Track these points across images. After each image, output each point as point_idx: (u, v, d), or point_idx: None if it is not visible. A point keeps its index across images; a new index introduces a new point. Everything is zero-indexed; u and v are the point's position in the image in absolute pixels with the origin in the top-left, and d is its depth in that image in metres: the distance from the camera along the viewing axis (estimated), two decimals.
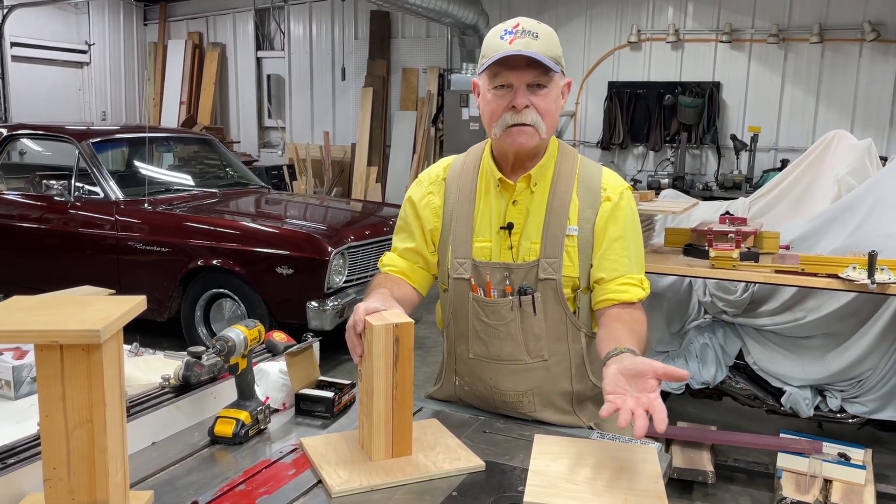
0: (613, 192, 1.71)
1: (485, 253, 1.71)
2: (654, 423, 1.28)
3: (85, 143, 5.28)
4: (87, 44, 10.69)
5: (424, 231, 1.79)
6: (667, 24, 8.37)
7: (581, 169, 1.74)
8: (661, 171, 8.47)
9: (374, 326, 1.45)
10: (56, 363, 1.08)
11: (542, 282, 1.67)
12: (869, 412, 3.41)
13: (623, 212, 1.71)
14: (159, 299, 4.99)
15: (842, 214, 3.51)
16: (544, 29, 1.61)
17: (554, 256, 1.67)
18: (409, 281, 1.80)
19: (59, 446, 1.10)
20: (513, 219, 1.70)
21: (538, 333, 1.70)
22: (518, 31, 1.57)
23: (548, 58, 1.57)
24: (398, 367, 1.47)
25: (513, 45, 1.56)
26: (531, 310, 1.68)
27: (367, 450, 1.50)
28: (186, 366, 1.66)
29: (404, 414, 1.49)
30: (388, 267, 1.82)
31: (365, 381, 1.50)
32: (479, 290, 1.71)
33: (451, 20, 8.19)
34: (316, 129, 10.42)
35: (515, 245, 1.70)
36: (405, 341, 1.46)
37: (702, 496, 3.33)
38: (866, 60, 7.70)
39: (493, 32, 1.63)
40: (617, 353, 1.45)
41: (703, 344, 3.65)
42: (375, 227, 5.21)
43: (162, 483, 1.40)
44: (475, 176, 1.76)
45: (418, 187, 1.83)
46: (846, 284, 2.94)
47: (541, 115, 1.61)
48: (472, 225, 1.73)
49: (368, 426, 1.49)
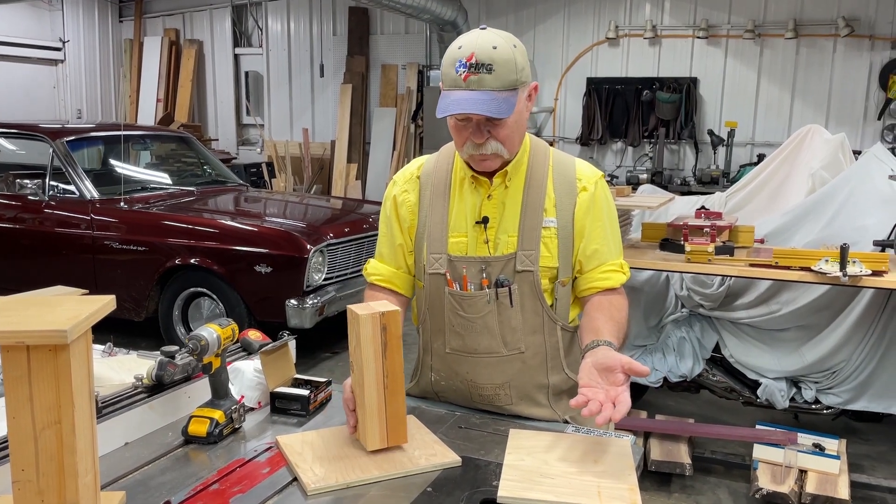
0: (589, 181, 1.74)
1: (460, 248, 1.73)
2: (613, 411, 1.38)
3: (59, 142, 5.22)
4: (62, 41, 10.54)
5: (403, 229, 1.80)
6: (644, 20, 8.41)
7: (554, 161, 1.76)
8: (639, 167, 8.52)
9: (360, 315, 1.46)
10: (23, 364, 1.07)
11: (520, 274, 1.69)
12: (843, 403, 3.47)
13: (600, 201, 1.75)
14: (136, 299, 4.95)
15: (815, 208, 3.55)
16: (500, 56, 1.54)
17: (531, 248, 1.69)
18: (395, 288, 1.82)
19: (27, 448, 1.09)
20: (488, 213, 1.71)
21: (515, 326, 1.71)
22: (471, 66, 1.54)
23: (502, 95, 1.55)
24: (387, 355, 1.48)
25: (466, 81, 1.54)
26: (508, 302, 1.69)
27: (363, 440, 1.51)
28: (160, 365, 1.65)
29: (396, 402, 1.50)
30: (373, 276, 1.84)
31: (356, 372, 1.51)
32: (455, 284, 1.72)
33: (430, 16, 8.18)
34: (295, 126, 10.36)
35: (492, 239, 1.71)
36: (392, 329, 1.48)
37: (679, 488, 3.36)
38: (840, 56, 7.79)
39: (449, 58, 1.58)
40: (594, 346, 1.52)
41: (680, 337, 3.69)
42: (355, 225, 5.19)
43: (135, 483, 1.39)
44: (449, 173, 1.77)
45: (393, 187, 1.84)
46: (819, 277, 2.98)
47: (501, 141, 1.62)
48: (446, 221, 1.74)
49: (362, 416, 1.50)
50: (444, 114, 1.57)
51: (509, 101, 1.57)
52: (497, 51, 1.55)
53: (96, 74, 11.03)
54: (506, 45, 1.57)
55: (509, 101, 1.57)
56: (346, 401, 1.56)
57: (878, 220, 3.36)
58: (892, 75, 7.48)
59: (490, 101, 1.55)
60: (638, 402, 3.99)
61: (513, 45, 1.58)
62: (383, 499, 1.36)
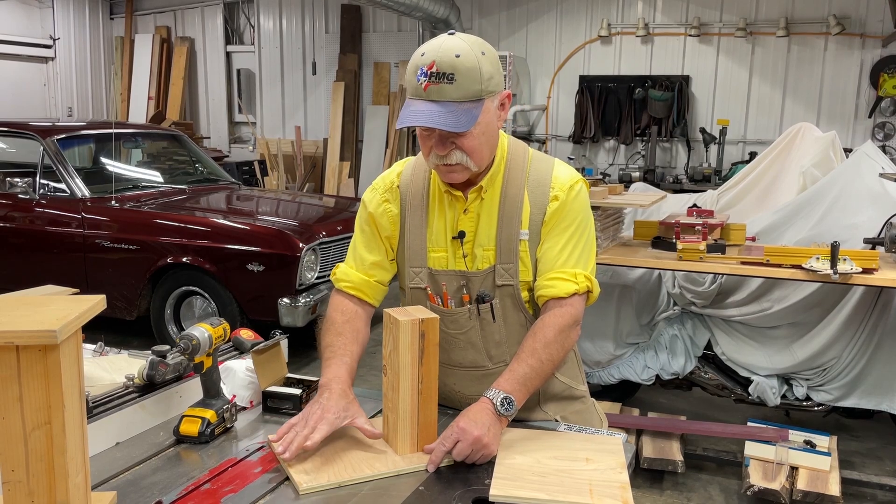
0: (562, 189, 1.66)
1: (440, 262, 1.69)
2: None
3: (50, 140, 5.19)
4: (52, 38, 10.48)
5: (382, 238, 1.75)
6: (636, 18, 8.42)
7: (532, 167, 1.69)
8: (632, 165, 8.54)
9: (400, 322, 1.46)
10: (12, 364, 1.07)
11: (500, 288, 1.66)
12: (834, 400, 3.48)
13: (568, 207, 1.65)
14: (128, 298, 4.93)
15: (806, 206, 3.57)
16: (462, 65, 1.48)
17: (510, 262, 1.65)
18: (363, 296, 1.76)
19: (17, 449, 1.09)
20: (464, 227, 1.67)
21: (499, 339, 1.69)
22: (432, 76, 1.47)
23: (463, 107, 1.49)
24: (424, 361, 1.49)
25: (426, 91, 1.48)
26: (490, 317, 1.66)
27: (392, 444, 1.52)
28: (151, 365, 1.64)
29: (429, 409, 1.51)
30: (342, 282, 1.77)
31: (390, 376, 1.52)
32: (437, 299, 1.69)
33: (423, 14, 8.17)
34: (287, 124, 10.33)
35: (469, 253, 1.67)
36: (430, 336, 1.48)
37: (672, 485, 3.37)
38: (831, 54, 7.82)
39: (412, 65, 1.53)
40: (487, 393, 1.54)
41: (672, 335, 3.70)
42: (347, 223, 5.18)
43: (126, 483, 1.39)
44: (426, 183, 1.72)
45: (373, 194, 1.77)
46: (809, 275, 2.99)
47: (466, 152, 1.55)
48: (425, 234, 1.70)
49: (394, 420, 1.51)
50: (402, 125, 1.51)
51: (470, 112, 1.50)
52: (460, 59, 1.48)
53: (87, 72, 10.97)
54: (471, 52, 1.49)
55: (470, 112, 1.50)
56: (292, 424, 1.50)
57: (869, 217, 3.38)
58: (882, 73, 7.51)
59: (448, 113, 1.48)
60: (630, 400, 4.00)
61: (480, 53, 1.51)
62: (375, 498, 1.36)
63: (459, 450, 1.44)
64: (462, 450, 1.44)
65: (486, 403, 1.51)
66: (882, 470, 3.52)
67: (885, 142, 7.57)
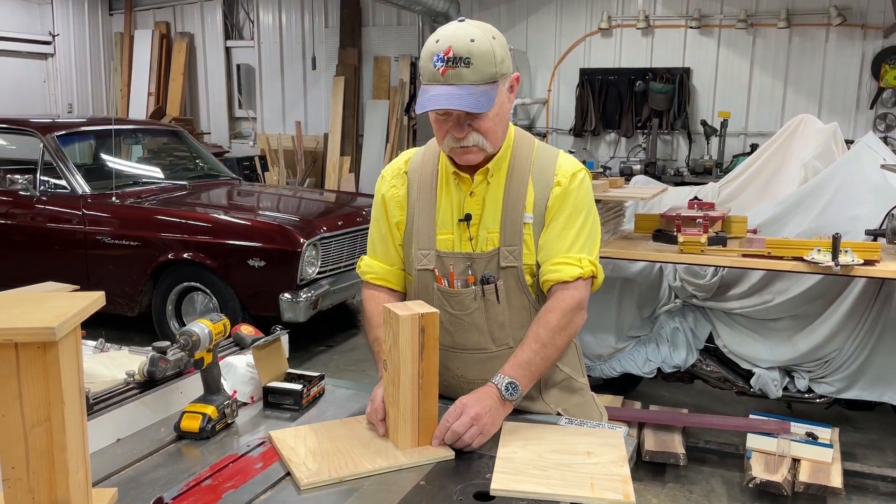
0: (564, 176, 1.70)
1: (447, 244, 1.72)
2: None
3: (50, 137, 5.18)
4: (52, 35, 10.46)
5: (392, 225, 1.80)
6: (637, 11, 8.39)
7: (537, 156, 1.73)
8: (633, 158, 8.52)
9: (400, 317, 1.46)
10: (12, 362, 1.07)
11: (504, 270, 1.69)
12: (836, 392, 3.48)
13: (572, 195, 1.69)
14: (129, 294, 4.94)
15: (807, 198, 3.56)
16: (478, 49, 1.53)
17: (514, 244, 1.68)
18: (390, 285, 1.82)
19: (17, 445, 1.09)
20: (470, 209, 1.71)
21: (502, 321, 1.71)
22: (449, 60, 1.53)
23: (481, 88, 1.54)
24: (424, 356, 1.49)
25: (444, 76, 1.54)
26: (494, 298, 1.69)
27: (393, 438, 1.52)
28: (151, 361, 1.64)
29: (430, 403, 1.52)
30: (368, 275, 1.83)
31: (391, 371, 1.52)
32: (444, 280, 1.72)
33: (422, 8, 8.15)
34: (287, 119, 10.32)
35: (475, 236, 1.71)
36: (430, 331, 1.49)
37: (674, 478, 3.37)
38: (833, 45, 7.79)
39: (427, 52, 1.58)
40: (492, 379, 1.58)
41: (673, 328, 3.70)
42: (349, 218, 5.18)
43: (127, 480, 1.39)
44: (435, 168, 1.76)
45: (382, 182, 1.83)
46: (811, 267, 2.98)
47: (483, 134, 1.61)
48: (434, 217, 1.73)
49: (394, 415, 1.51)
50: (422, 110, 1.56)
51: (489, 94, 1.56)
52: (475, 43, 1.54)
53: (87, 68, 10.96)
54: (484, 37, 1.55)
55: (489, 94, 1.56)
56: (376, 410, 1.56)
57: (870, 209, 3.37)
58: (884, 64, 7.49)
59: (468, 95, 1.54)
60: (632, 393, 4.00)
61: (491, 37, 1.57)
62: (376, 493, 1.36)
63: (461, 422, 1.49)
64: (463, 422, 1.49)
65: (492, 388, 1.57)
66: (884, 461, 3.51)
67: (887, 133, 7.55)
